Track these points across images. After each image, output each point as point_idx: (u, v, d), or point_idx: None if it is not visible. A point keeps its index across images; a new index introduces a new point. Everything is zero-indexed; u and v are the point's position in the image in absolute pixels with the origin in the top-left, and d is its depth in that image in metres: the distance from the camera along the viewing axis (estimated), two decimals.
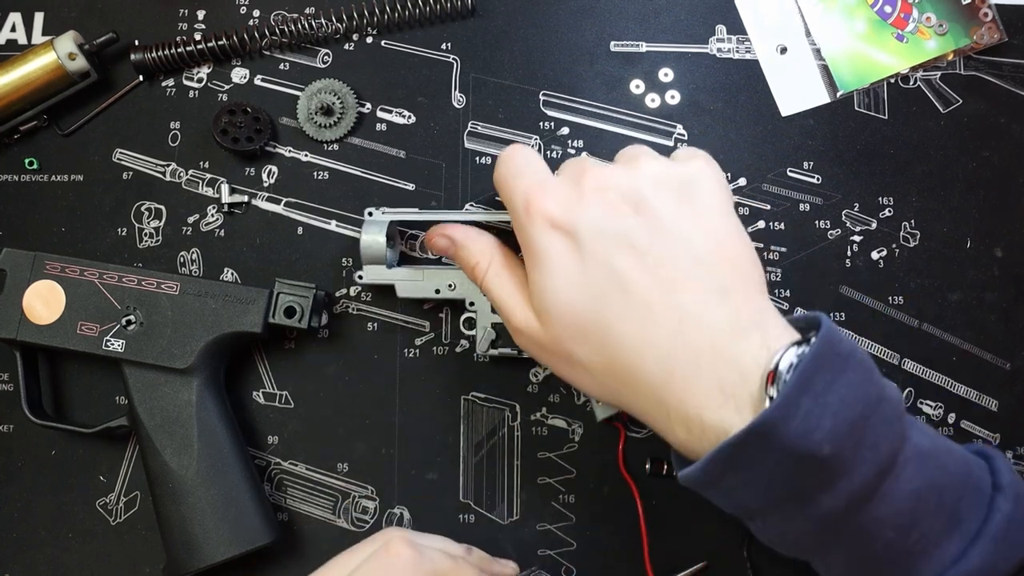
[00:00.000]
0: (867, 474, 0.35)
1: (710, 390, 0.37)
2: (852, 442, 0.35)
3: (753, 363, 0.37)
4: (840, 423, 0.34)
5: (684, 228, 0.40)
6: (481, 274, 0.46)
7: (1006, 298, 0.54)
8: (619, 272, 0.39)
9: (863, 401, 0.35)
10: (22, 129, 0.55)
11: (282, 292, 0.51)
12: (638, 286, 0.39)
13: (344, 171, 0.56)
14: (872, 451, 0.35)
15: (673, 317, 0.38)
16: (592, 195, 0.41)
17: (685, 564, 0.51)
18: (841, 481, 0.35)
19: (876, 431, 0.35)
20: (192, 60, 0.56)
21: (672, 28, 0.57)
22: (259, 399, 0.53)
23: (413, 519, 0.52)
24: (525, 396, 0.53)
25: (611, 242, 0.40)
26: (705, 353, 0.38)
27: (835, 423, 0.34)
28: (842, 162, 0.56)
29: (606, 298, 0.39)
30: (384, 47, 0.57)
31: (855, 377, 0.35)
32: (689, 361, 0.38)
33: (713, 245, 0.40)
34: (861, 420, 0.35)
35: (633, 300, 0.39)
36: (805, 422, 0.34)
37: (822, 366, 0.35)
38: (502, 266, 0.46)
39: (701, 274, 0.39)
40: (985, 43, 0.56)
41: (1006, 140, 0.56)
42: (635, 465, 0.52)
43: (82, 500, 0.52)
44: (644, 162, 0.43)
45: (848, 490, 0.35)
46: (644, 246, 0.39)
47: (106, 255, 0.54)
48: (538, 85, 0.57)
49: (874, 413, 0.35)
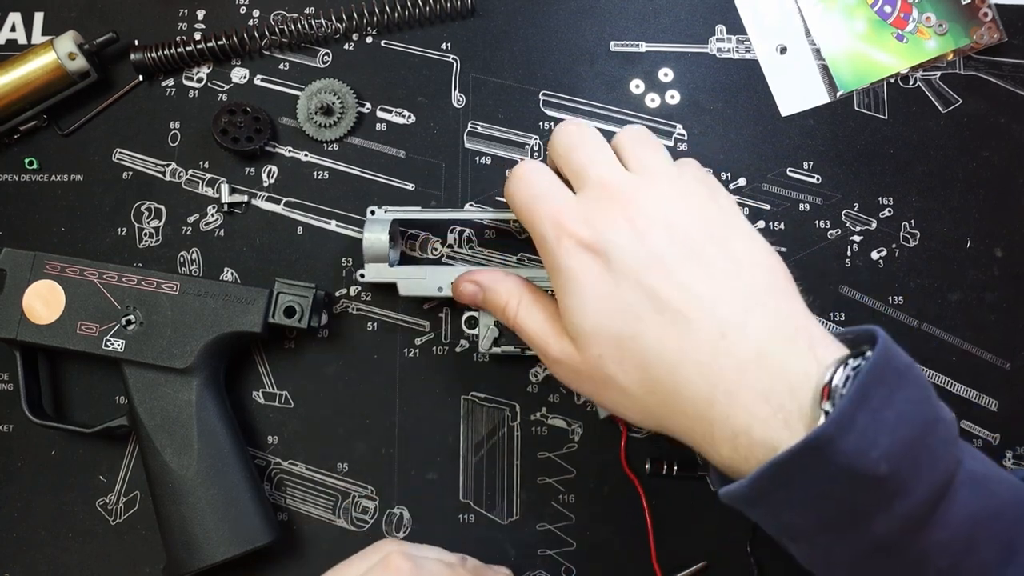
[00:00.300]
0: (923, 496, 0.33)
1: (756, 403, 0.36)
2: (909, 462, 0.33)
3: (801, 374, 0.35)
4: (897, 441, 0.33)
5: (716, 237, 0.40)
6: (512, 313, 0.45)
7: (1006, 298, 0.54)
8: (654, 289, 0.38)
9: (920, 420, 0.34)
10: (22, 129, 0.55)
11: (282, 292, 0.51)
12: (675, 301, 0.38)
13: (344, 171, 0.56)
14: (929, 472, 0.33)
15: (714, 329, 0.37)
16: (619, 213, 0.40)
17: (685, 564, 0.51)
18: (896, 503, 0.33)
19: (932, 451, 0.34)
20: (192, 60, 0.56)
21: (672, 28, 0.57)
22: (259, 399, 0.53)
23: (413, 519, 0.52)
24: (525, 396, 0.53)
25: (644, 260, 0.39)
26: (750, 364, 0.36)
27: (892, 441, 0.33)
28: (842, 162, 0.56)
29: (642, 316, 0.38)
30: (384, 47, 0.57)
31: (912, 394, 0.34)
32: (734, 373, 0.36)
33: (745, 251, 0.40)
34: (918, 439, 0.33)
35: (671, 316, 0.38)
36: (862, 439, 0.33)
37: (879, 381, 0.33)
38: (532, 302, 0.45)
39: (738, 282, 0.38)
40: (985, 43, 0.56)
41: (1006, 140, 0.56)
42: (635, 465, 0.52)
43: (82, 500, 0.52)
44: (663, 170, 0.42)
45: (903, 512, 0.33)
46: (677, 260, 0.39)
47: (106, 255, 0.54)
48: (538, 85, 0.57)
49: (931, 433, 0.34)
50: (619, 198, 0.41)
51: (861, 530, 0.34)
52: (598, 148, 0.44)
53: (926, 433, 0.34)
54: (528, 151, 0.56)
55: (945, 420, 0.35)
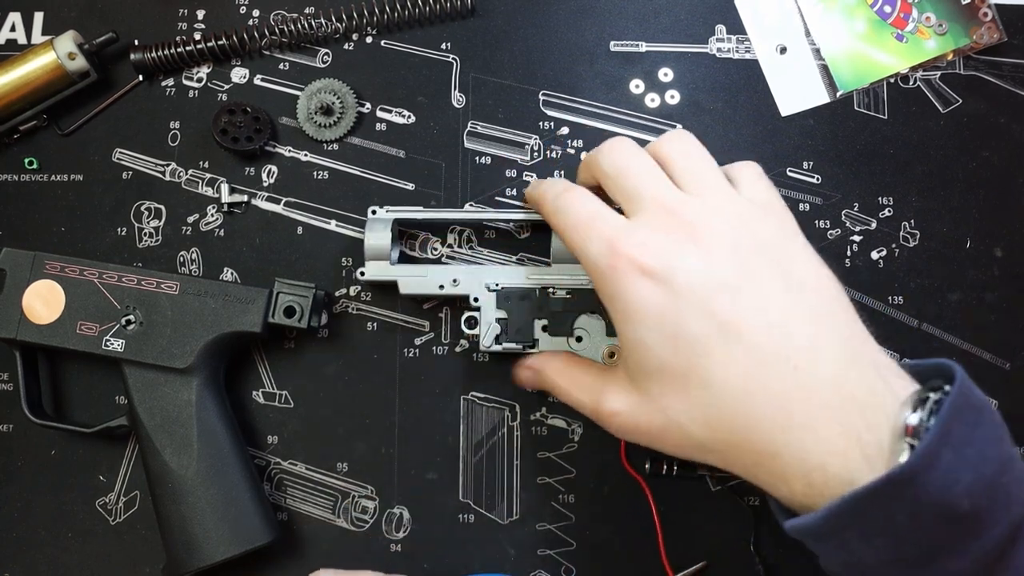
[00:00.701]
0: (999, 536, 0.33)
1: (834, 435, 0.34)
2: (988, 499, 0.32)
3: (877, 406, 0.34)
4: (979, 478, 0.32)
5: (779, 259, 0.38)
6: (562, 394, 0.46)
7: (1006, 298, 0.54)
8: (723, 317, 0.37)
9: (998, 458, 0.33)
10: (22, 129, 0.55)
11: (282, 292, 0.51)
12: (745, 329, 0.36)
13: (344, 171, 0.56)
14: (1005, 511, 0.33)
15: (787, 357, 0.36)
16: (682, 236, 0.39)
17: (685, 564, 0.51)
18: (973, 541, 0.33)
19: (1009, 490, 0.33)
20: (192, 60, 0.56)
21: (672, 28, 0.57)
22: (259, 399, 0.53)
23: (413, 519, 0.52)
24: (525, 396, 0.53)
25: (711, 286, 0.37)
26: (825, 393, 0.35)
27: (974, 478, 0.32)
28: (842, 162, 0.56)
29: (710, 349, 0.37)
30: (384, 47, 0.57)
31: (990, 432, 0.34)
32: (808, 405, 0.35)
33: (809, 273, 0.38)
34: (997, 477, 0.33)
35: (741, 346, 0.36)
36: (947, 475, 0.32)
37: (959, 418, 0.33)
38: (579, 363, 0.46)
39: (806, 307, 0.37)
40: (985, 43, 0.56)
41: (1006, 140, 0.56)
42: (635, 464, 0.52)
43: (82, 500, 0.52)
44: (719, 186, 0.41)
45: (979, 551, 0.33)
46: (745, 285, 0.37)
47: (106, 255, 0.54)
48: (538, 85, 0.57)
49: (1007, 471, 0.33)
50: (680, 220, 0.39)
51: (935, 568, 0.33)
52: (651, 168, 0.42)
53: (1003, 471, 0.33)
54: (528, 151, 0.56)
55: (1018, 459, 0.34)
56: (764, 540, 0.51)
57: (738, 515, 0.52)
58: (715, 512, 0.52)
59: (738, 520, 0.52)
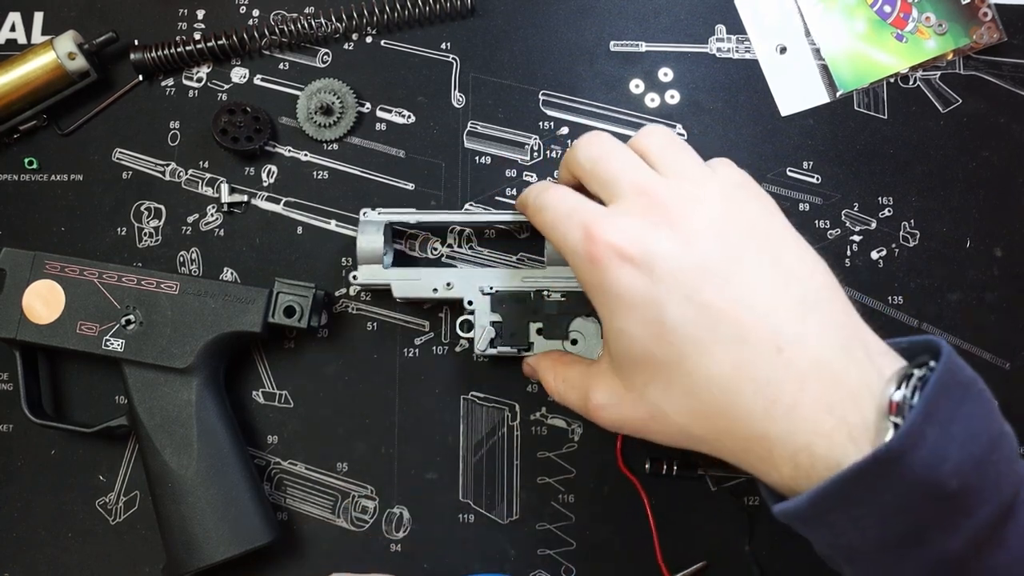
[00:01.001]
0: (990, 514, 0.32)
1: (819, 416, 0.34)
2: (977, 477, 0.32)
3: (863, 384, 0.34)
4: (967, 456, 0.32)
5: (764, 244, 0.38)
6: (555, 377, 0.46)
7: (1006, 298, 0.54)
8: (707, 303, 0.36)
9: (986, 435, 0.33)
10: (22, 129, 0.55)
11: (282, 292, 0.51)
12: (730, 315, 0.36)
13: (344, 171, 0.56)
14: (994, 489, 0.32)
15: (771, 343, 0.35)
16: (662, 220, 0.38)
17: (685, 564, 0.51)
18: (963, 520, 0.32)
19: (998, 468, 0.33)
20: (192, 60, 0.56)
21: (672, 28, 0.57)
22: (259, 399, 0.53)
23: (412, 519, 0.52)
24: (524, 396, 0.53)
25: (693, 271, 0.36)
26: (810, 375, 0.34)
27: (961, 456, 0.32)
28: (842, 162, 0.56)
29: (694, 336, 0.36)
30: (384, 47, 0.57)
31: (978, 409, 0.33)
32: (793, 386, 0.35)
33: (796, 258, 0.38)
34: (985, 455, 0.32)
35: (725, 332, 0.36)
36: (933, 453, 0.31)
37: (945, 394, 0.32)
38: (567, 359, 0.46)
39: (792, 292, 0.36)
40: (985, 43, 0.56)
41: (1006, 140, 0.56)
42: (635, 464, 0.52)
43: (82, 500, 0.52)
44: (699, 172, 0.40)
45: (970, 530, 0.32)
46: (729, 270, 0.37)
47: (106, 255, 0.54)
48: (538, 85, 0.57)
49: (996, 449, 0.33)
50: (659, 204, 0.38)
51: (925, 550, 0.33)
52: (627, 156, 0.41)
53: (992, 449, 0.33)
54: (528, 151, 0.56)
55: (1008, 436, 0.34)
56: (762, 541, 0.51)
57: (738, 516, 0.52)
58: (715, 512, 0.52)
59: (738, 520, 0.52)
